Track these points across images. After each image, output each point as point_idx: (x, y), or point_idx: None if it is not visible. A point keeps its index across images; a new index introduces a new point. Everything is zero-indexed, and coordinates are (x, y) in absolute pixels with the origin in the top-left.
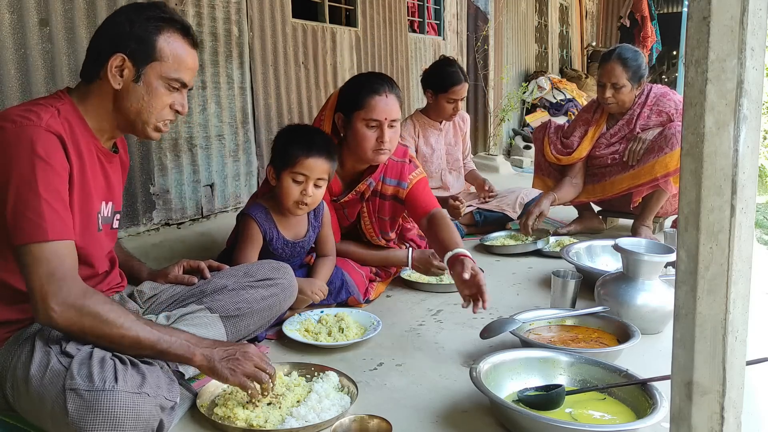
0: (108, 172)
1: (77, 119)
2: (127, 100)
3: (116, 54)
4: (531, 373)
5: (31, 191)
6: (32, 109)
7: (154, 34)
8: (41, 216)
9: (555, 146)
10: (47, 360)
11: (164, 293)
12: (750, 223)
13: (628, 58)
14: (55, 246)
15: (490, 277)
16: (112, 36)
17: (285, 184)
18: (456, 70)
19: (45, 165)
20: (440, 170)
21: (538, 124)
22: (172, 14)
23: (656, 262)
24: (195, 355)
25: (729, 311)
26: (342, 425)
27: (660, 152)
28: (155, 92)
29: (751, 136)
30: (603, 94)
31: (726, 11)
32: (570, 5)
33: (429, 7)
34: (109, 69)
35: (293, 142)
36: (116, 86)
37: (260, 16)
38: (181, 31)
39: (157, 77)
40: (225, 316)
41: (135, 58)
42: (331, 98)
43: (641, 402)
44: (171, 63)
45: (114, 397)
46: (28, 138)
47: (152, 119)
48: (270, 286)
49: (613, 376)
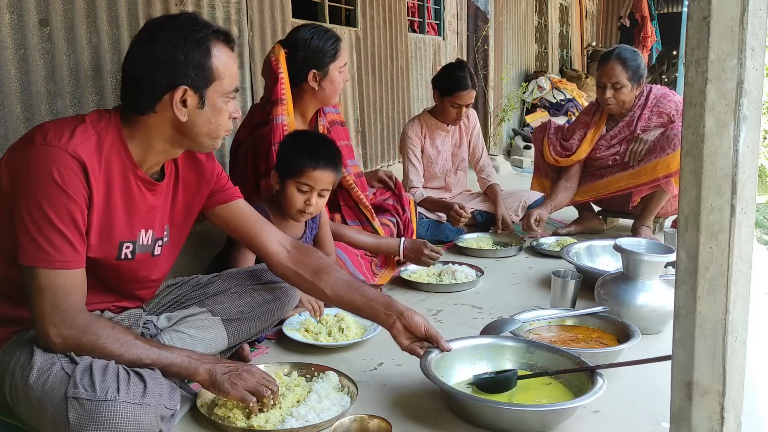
0: (149, 200)
1: (119, 147)
2: (196, 127)
3: (177, 87)
4: (480, 359)
5: (44, 216)
6: (70, 128)
7: (207, 57)
8: (50, 243)
9: (554, 148)
10: (50, 365)
11: (166, 294)
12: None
13: (627, 58)
14: (62, 275)
15: (491, 277)
16: (165, 68)
17: (289, 192)
18: (465, 75)
19: (60, 191)
20: (445, 171)
21: (538, 124)
22: (210, 26)
23: (656, 262)
24: (198, 370)
25: (729, 311)
26: (342, 425)
27: (662, 152)
28: (220, 110)
29: (751, 136)
30: (603, 94)
31: (726, 11)
32: (570, 5)
33: (429, 7)
34: (174, 104)
35: (300, 151)
36: (183, 119)
37: (260, 16)
38: (224, 40)
39: (218, 96)
40: (226, 319)
41: (196, 86)
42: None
43: (587, 388)
44: (227, 78)
45: (116, 408)
46: (50, 160)
47: (221, 134)
48: (273, 290)
49: (561, 360)
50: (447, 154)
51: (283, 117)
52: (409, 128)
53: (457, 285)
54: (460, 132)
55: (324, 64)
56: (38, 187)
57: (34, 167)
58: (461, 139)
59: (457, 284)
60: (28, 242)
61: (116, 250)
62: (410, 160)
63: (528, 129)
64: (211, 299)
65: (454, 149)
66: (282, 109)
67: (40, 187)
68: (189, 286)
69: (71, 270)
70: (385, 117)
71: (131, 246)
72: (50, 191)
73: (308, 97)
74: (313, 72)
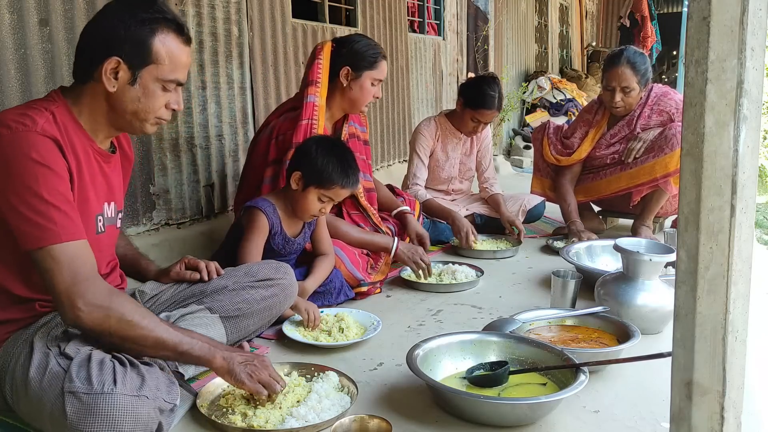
0: (107, 172)
1: (72, 121)
2: (123, 102)
3: (110, 57)
4: (466, 354)
5: (36, 196)
6: (27, 113)
7: (149, 37)
8: (50, 219)
9: (555, 147)
10: (46, 362)
11: (165, 293)
12: (750, 223)
13: (637, 62)
14: (72, 247)
15: (491, 277)
16: (105, 38)
17: (310, 198)
18: (494, 95)
19: (45, 169)
20: (450, 178)
21: (538, 124)
22: (164, 12)
23: (656, 262)
24: (215, 357)
25: (729, 311)
26: (342, 425)
27: (660, 152)
28: (152, 94)
29: (751, 136)
30: (612, 98)
31: (726, 11)
32: (570, 5)
33: (429, 7)
34: (103, 72)
35: (333, 166)
36: (111, 89)
37: (260, 16)
38: (176, 30)
39: (153, 80)
40: (225, 316)
41: (130, 62)
42: (324, 50)
43: (571, 383)
44: (167, 65)
45: (113, 401)
46: (25, 143)
47: (149, 118)
48: (270, 286)
49: (544, 354)
50: (455, 161)
51: (315, 97)
52: (424, 127)
53: (457, 285)
54: (471, 141)
55: (359, 67)
56: (22, 172)
57: (12, 155)
58: (471, 148)
59: (457, 284)
60: (27, 226)
61: (95, 224)
62: (419, 155)
63: (528, 129)
64: (209, 297)
65: (463, 158)
66: (315, 90)
67: (23, 171)
68: (187, 284)
69: (78, 241)
70: (385, 117)
71: (102, 219)
72: (35, 172)
73: (338, 94)
74: (347, 69)
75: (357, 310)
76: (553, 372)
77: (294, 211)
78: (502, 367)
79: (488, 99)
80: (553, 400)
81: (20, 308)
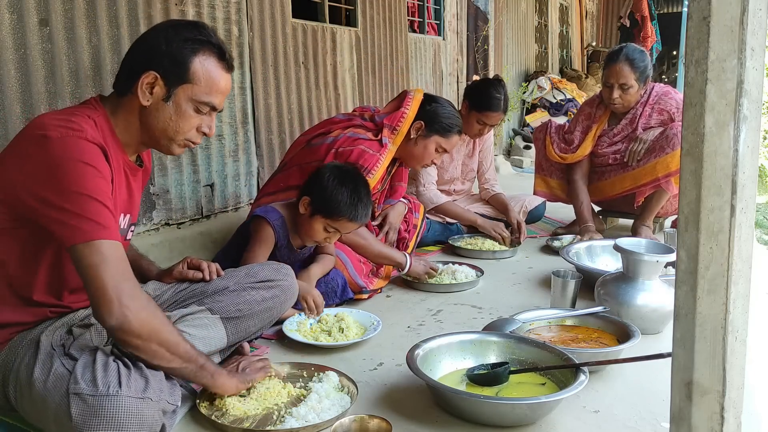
0: (131, 185)
1: (109, 131)
2: (155, 118)
3: (149, 71)
4: (466, 354)
5: (85, 195)
6: (72, 119)
7: (189, 56)
8: (100, 215)
9: (558, 145)
10: (51, 363)
11: (166, 293)
12: (750, 223)
13: (636, 58)
14: (119, 246)
15: (491, 277)
16: (147, 52)
17: (315, 226)
18: (500, 97)
19: (95, 171)
20: (452, 179)
21: (538, 124)
22: (209, 36)
23: (656, 262)
24: (222, 378)
25: (729, 311)
26: (342, 425)
27: (661, 152)
28: (184, 114)
29: (751, 136)
30: (610, 94)
31: (726, 11)
32: (570, 5)
33: (429, 7)
34: (139, 85)
35: (343, 198)
36: (144, 102)
37: (260, 16)
38: (217, 54)
39: (187, 99)
40: (225, 317)
41: (167, 78)
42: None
43: (571, 383)
44: (203, 86)
45: (118, 402)
46: (75, 148)
47: (178, 139)
48: (271, 287)
49: (544, 354)
50: (458, 163)
51: (390, 143)
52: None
53: (457, 285)
54: (473, 143)
55: (433, 129)
56: (71, 173)
57: (61, 158)
58: (474, 150)
59: (457, 284)
60: (75, 221)
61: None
62: None
63: (528, 129)
64: (209, 298)
65: (465, 159)
66: (392, 137)
67: (73, 172)
68: (188, 284)
69: (119, 242)
70: None
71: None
72: (85, 173)
73: (403, 142)
74: (421, 123)
75: (357, 310)
76: (553, 372)
77: (298, 233)
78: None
79: (494, 102)
80: (553, 400)
81: (31, 312)
